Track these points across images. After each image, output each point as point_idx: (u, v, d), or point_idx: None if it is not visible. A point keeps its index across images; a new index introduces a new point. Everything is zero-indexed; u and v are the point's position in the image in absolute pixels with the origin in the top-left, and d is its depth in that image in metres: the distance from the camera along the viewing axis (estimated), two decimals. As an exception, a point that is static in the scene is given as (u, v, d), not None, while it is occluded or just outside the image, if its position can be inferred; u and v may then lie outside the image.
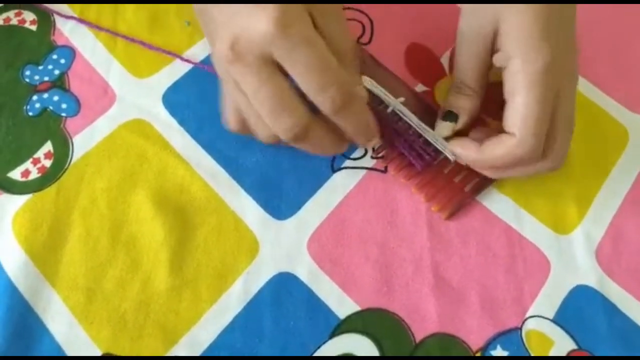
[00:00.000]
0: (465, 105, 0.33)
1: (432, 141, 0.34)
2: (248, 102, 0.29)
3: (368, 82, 0.35)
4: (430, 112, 0.36)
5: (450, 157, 0.34)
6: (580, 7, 0.33)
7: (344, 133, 0.30)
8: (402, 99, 0.35)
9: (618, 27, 0.43)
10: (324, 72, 0.27)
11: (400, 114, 0.35)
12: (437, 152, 0.35)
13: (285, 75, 0.28)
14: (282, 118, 0.28)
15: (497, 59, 0.32)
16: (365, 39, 0.41)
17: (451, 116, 0.33)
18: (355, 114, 0.30)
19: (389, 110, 0.35)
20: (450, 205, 0.35)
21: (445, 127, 0.34)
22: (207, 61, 0.39)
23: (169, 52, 0.39)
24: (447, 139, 0.34)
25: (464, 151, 0.33)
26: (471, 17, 0.32)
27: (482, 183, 0.35)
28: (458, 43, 0.33)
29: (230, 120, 0.33)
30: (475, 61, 0.32)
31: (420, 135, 0.34)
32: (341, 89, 0.28)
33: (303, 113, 0.28)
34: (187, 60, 0.39)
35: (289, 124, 0.28)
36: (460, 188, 0.35)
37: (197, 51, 0.39)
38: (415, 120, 0.34)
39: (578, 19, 0.33)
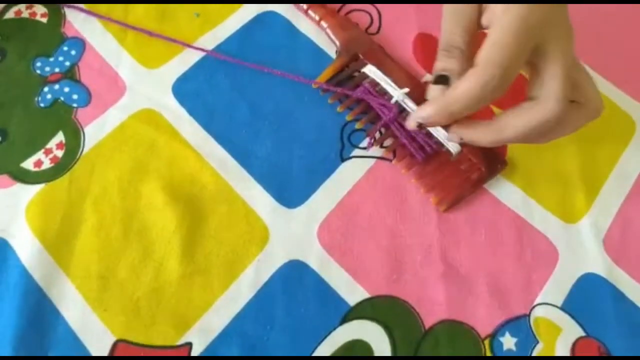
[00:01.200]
0: (455, 67, 0.31)
1: (434, 133, 0.34)
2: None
3: (372, 71, 0.35)
4: None
5: (452, 150, 0.35)
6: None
7: None
8: (406, 90, 0.35)
9: (627, 19, 0.43)
10: None
11: (404, 105, 0.35)
12: (439, 144, 0.35)
13: None
14: None
15: (485, 18, 0.31)
16: (373, 29, 0.41)
17: (442, 79, 0.31)
18: None
19: (393, 100, 0.35)
20: (449, 198, 0.35)
21: (434, 91, 0.31)
22: (217, 50, 0.39)
23: (179, 42, 0.39)
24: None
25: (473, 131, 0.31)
26: None
27: (483, 176, 0.35)
28: (444, 10, 0.32)
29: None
30: (462, 21, 0.31)
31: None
32: None
33: None
34: (200, 49, 0.39)
35: None
36: (461, 181, 0.35)
37: (207, 41, 0.39)
38: None
39: (586, 12, 0.32)
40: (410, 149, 0.35)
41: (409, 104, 0.35)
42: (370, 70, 0.35)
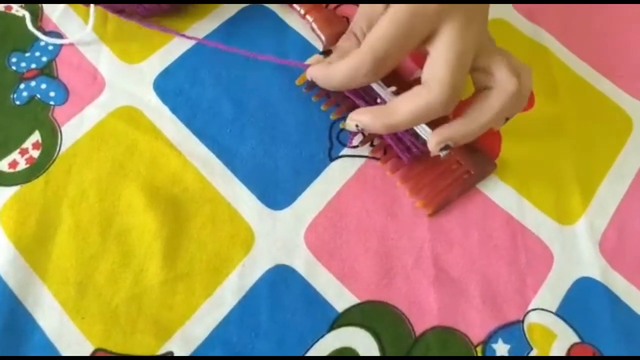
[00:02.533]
0: (346, 47, 0.34)
1: (421, 134, 0.33)
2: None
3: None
4: None
5: (441, 153, 0.33)
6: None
7: None
8: (393, 89, 0.34)
9: (626, 17, 0.42)
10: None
11: None
12: (426, 145, 0.34)
13: None
14: None
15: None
16: (363, 23, 0.40)
17: (327, 52, 0.35)
18: None
19: (379, 101, 0.34)
20: (434, 202, 0.34)
21: (314, 58, 0.35)
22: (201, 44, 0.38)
23: (165, 29, 0.37)
24: None
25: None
26: None
27: (471, 179, 0.34)
28: (360, 5, 0.35)
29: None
30: (367, 15, 0.34)
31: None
32: None
33: None
34: (189, 37, 0.37)
35: None
36: (448, 184, 0.34)
37: (191, 34, 0.38)
38: None
39: (585, 10, 0.31)
40: (396, 150, 0.34)
41: None
42: None
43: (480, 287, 0.32)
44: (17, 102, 0.35)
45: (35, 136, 0.34)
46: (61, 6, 0.38)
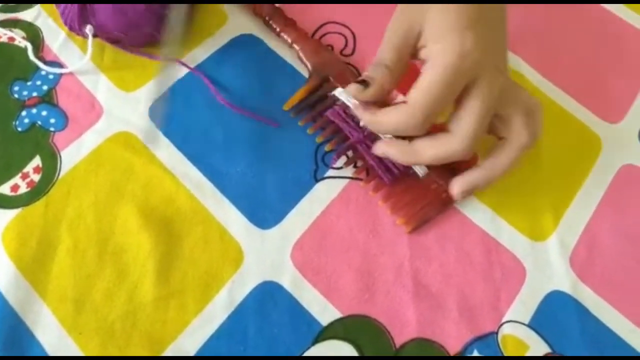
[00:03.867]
0: (376, 77, 0.34)
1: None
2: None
3: (342, 94, 0.36)
4: None
5: (419, 172, 0.35)
6: (557, 17, 0.33)
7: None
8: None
9: (593, 38, 0.45)
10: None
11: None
12: (406, 167, 0.36)
13: None
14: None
15: (422, 53, 0.33)
16: (348, 50, 0.42)
17: (363, 82, 0.34)
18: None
19: (362, 123, 0.36)
20: (414, 220, 0.36)
21: (352, 87, 0.34)
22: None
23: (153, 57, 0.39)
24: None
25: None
26: (401, 15, 0.34)
27: (450, 198, 0.36)
28: (386, 30, 0.35)
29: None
30: (396, 45, 0.34)
31: None
32: None
33: None
34: (183, 64, 0.40)
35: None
36: (427, 203, 0.36)
37: (185, 62, 0.40)
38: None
39: (556, 29, 0.33)
40: (377, 171, 0.36)
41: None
42: (341, 93, 0.36)
43: (457, 301, 0.34)
44: (19, 129, 0.37)
45: (36, 161, 0.36)
46: (61, 37, 0.41)
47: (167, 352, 0.32)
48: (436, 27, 0.32)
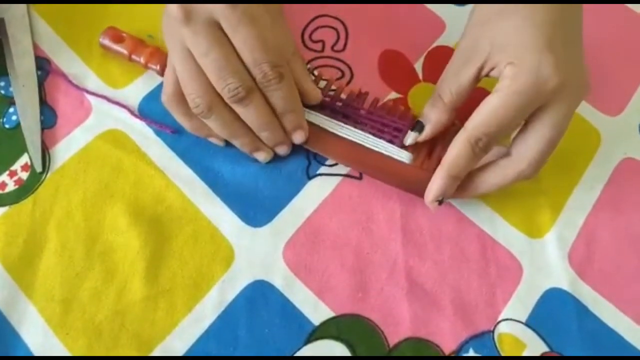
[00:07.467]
0: (433, 118, 0.33)
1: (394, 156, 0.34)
2: (192, 68, 0.31)
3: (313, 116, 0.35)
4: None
5: (405, 159, 0.34)
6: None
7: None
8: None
9: (593, 31, 0.44)
10: (260, 49, 0.31)
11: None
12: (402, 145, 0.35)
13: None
14: (228, 78, 0.31)
15: (496, 71, 0.31)
16: (339, 46, 0.41)
17: (418, 126, 0.33)
18: (282, 90, 0.32)
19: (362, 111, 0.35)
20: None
21: (410, 137, 0.34)
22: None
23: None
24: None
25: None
26: (468, 39, 0.32)
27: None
28: (451, 59, 0.33)
29: (167, 92, 0.34)
30: (458, 81, 0.32)
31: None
32: (273, 67, 0.31)
33: (247, 77, 0.31)
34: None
35: (235, 84, 0.31)
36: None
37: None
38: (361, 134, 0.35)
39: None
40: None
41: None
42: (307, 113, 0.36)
43: (451, 299, 0.33)
44: (7, 126, 0.37)
45: (24, 158, 0.36)
46: (49, 33, 0.40)
47: (156, 352, 0.31)
48: (511, 45, 0.30)
